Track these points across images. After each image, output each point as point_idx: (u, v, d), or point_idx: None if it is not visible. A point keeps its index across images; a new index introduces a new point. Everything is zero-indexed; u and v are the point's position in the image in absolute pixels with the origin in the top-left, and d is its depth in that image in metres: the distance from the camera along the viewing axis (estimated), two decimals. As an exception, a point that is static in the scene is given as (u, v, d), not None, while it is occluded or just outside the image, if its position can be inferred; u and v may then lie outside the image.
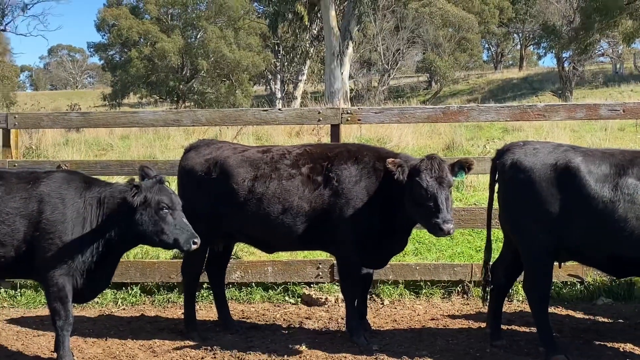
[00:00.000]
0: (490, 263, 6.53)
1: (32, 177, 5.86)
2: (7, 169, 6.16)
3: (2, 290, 8.25)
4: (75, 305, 6.07)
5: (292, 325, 7.17)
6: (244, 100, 45.46)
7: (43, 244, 5.64)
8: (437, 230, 5.86)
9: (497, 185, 6.29)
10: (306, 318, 7.39)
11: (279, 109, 8.49)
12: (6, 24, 44.18)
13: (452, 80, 51.62)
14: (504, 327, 6.65)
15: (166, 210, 5.67)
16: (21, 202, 5.70)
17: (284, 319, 7.39)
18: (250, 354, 6.30)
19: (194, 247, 5.70)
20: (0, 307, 8.00)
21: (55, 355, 5.99)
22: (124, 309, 7.89)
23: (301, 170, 6.47)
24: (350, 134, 15.96)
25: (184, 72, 49.25)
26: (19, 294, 8.21)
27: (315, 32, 41.93)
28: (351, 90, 37.96)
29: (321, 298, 7.85)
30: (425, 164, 5.99)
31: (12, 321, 7.43)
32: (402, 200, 6.16)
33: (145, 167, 6.08)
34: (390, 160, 6.09)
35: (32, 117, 8.82)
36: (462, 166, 6.19)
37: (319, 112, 8.12)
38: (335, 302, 7.79)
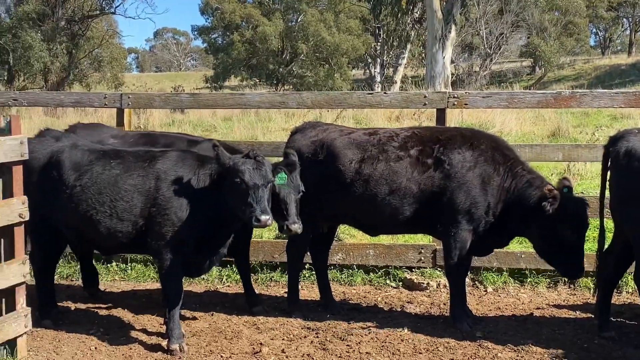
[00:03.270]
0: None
1: (148, 156, 6.10)
2: (124, 149, 6.38)
3: (114, 264, 8.60)
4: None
5: (394, 309, 7.18)
6: (342, 84, 45.40)
7: (158, 219, 5.86)
8: None
9: (609, 173, 6.12)
10: (407, 302, 7.37)
11: (384, 92, 8.46)
12: (116, 7, 45.67)
13: (557, 65, 50.08)
14: (612, 318, 6.45)
15: (239, 182, 5.62)
16: (139, 179, 5.95)
17: (385, 302, 7.41)
18: (352, 334, 6.34)
19: (255, 223, 5.55)
20: (112, 280, 8.34)
21: (164, 327, 6.21)
22: (228, 286, 8.07)
23: (410, 152, 6.45)
24: (452, 119, 15.69)
25: (284, 56, 49.58)
26: (129, 268, 8.54)
27: (417, 15, 41.45)
28: (452, 74, 37.38)
29: (423, 283, 7.81)
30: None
31: (123, 294, 7.75)
32: (524, 199, 6.21)
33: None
34: (549, 188, 6.10)
35: (144, 97, 9.08)
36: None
37: (425, 96, 8.04)
38: (437, 287, 7.75)
